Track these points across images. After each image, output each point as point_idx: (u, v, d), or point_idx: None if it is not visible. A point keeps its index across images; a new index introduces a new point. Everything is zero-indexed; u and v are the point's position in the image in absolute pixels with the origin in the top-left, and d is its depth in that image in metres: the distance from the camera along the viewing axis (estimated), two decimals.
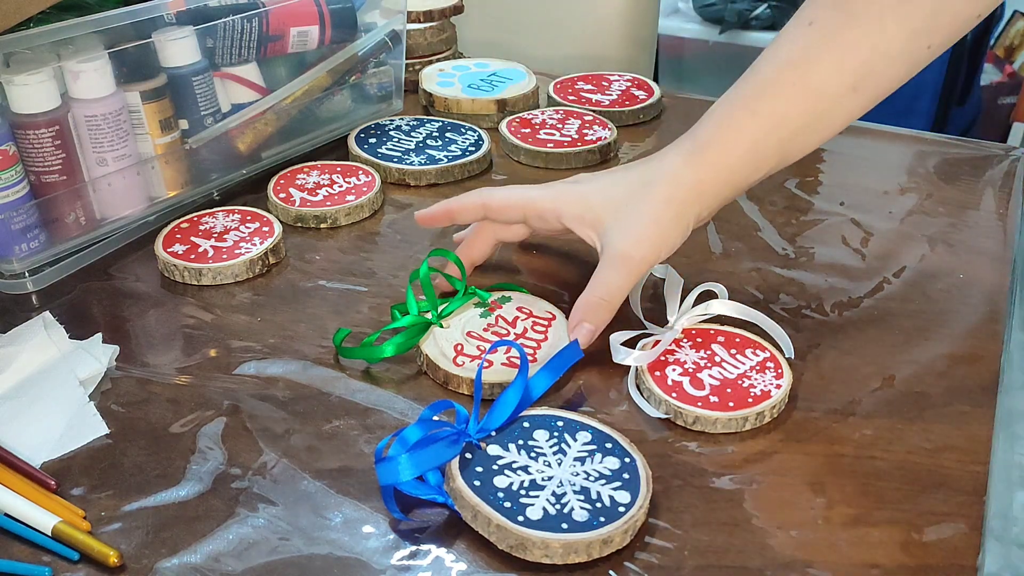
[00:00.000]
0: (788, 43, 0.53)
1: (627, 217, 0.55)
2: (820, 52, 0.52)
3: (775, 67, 0.54)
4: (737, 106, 0.55)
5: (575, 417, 0.50)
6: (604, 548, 0.43)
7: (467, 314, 0.59)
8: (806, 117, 0.53)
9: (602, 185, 0.58)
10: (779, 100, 0.53)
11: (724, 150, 0.55)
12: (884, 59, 0.51)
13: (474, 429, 0.48)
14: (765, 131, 0.54)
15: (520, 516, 0.44)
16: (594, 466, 0.47)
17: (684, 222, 0.55)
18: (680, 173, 0.55)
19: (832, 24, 0.52)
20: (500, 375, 0.54)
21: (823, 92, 0.52)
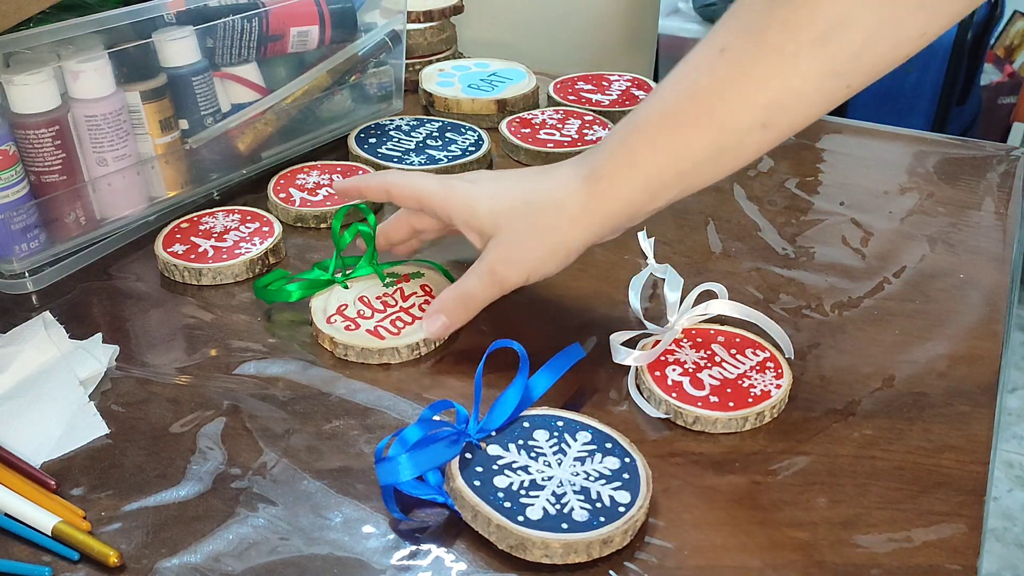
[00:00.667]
0: (695, 70, 0.49)
1: (506, 235, 0.54)
2: (729, 85, 0.48)
3: (679, 96, 0.50)
4: (636, 135, 0.51)
5: (575, 417, 0.50)
6: (604, 548, 0.43)
7: (373, 280, 0.63)
8: (710, 151, 0.50)
9: (492, 192, 0.56)
10: (681, 133, 0.49)
11: (618, 182, 0.52)
12: (797, 97, 0.47)
13: (474, 429, 0.48)
14: (664, 164, 0.50)
15: (520, 516, 0.44)
16: (594, 466, 0.47)
17: (564, 251, 0.54)
18: (568, 201, 0.53)
19: (744, 55, 0.47)
20: (360, 339, 0.57)
21: (730, 127, 0.49)
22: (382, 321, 0.58)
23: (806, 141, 0.85)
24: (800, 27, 0.45)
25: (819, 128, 0.88)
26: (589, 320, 0.61)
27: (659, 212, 0.73)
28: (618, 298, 0.62)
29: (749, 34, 0.47)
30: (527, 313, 0.61)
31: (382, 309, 0.60)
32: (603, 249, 0.68)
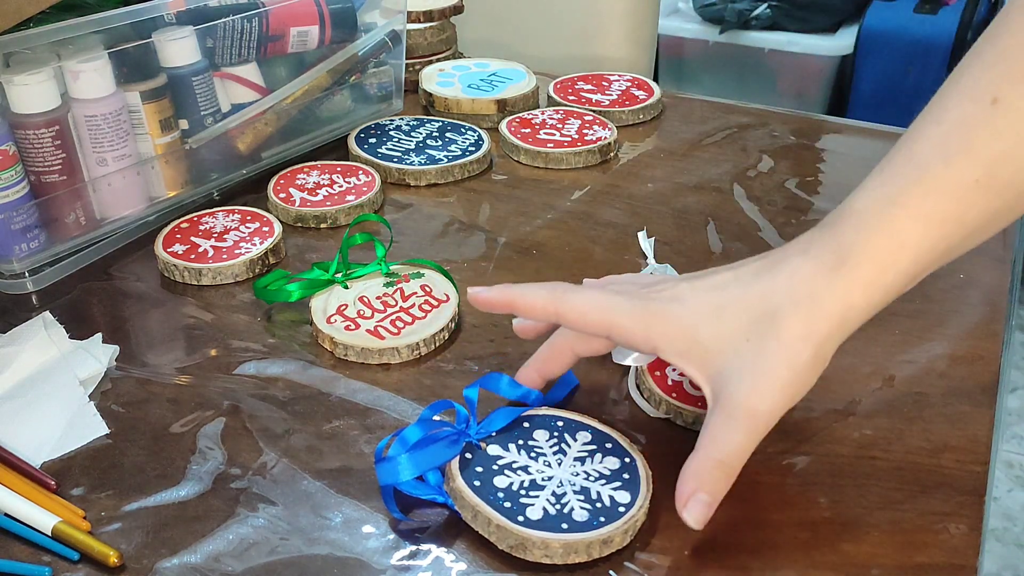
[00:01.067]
0: (964, 127, 0.41)
1: (750, 361, 0.43)
2: (1012, 141, 0.40)
3: (946, 158, 0.41)
4: (897, 209, 0.42)
5: (575, 417, 0.50)
6: (604, 548, 0.43)
7: (373, 280, 0.62)
8: (986, 217, 0.42)
9: (709, 309, 0.45)
10: (957, 202, 0.41)
11: (883, 268, 0.42)
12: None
13: (474, 429, 0.48)
14: (936, 240, 0.42)
15: (520, 516, 0.44)
16: (594, 466, 0.47)
17: (823, 359, 0.44)
18: (820, 299, 0.43)
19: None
20: (359, 339, 0.57)
21: (1012, 189, 0.41)
22: (382, 321, 0.58)
23: (806, 141, 0.85)
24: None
25: (819, 128, 0.88)
26: None
27: (658, 212, 0.74)
28: None
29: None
30: None
31: (382, 309, 0.60)
32: (603, 249, 0.68)
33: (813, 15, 2.09)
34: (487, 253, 0.68)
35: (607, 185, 0.77)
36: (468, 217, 0.73)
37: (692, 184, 0.77)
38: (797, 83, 2.14)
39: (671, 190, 0.77)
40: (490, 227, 0.72)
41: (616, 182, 0.78)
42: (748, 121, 0.88)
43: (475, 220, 0.73)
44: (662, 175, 0.79)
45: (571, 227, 0.71)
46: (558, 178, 0.78)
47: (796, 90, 2.15)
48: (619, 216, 0.73)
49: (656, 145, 0.84)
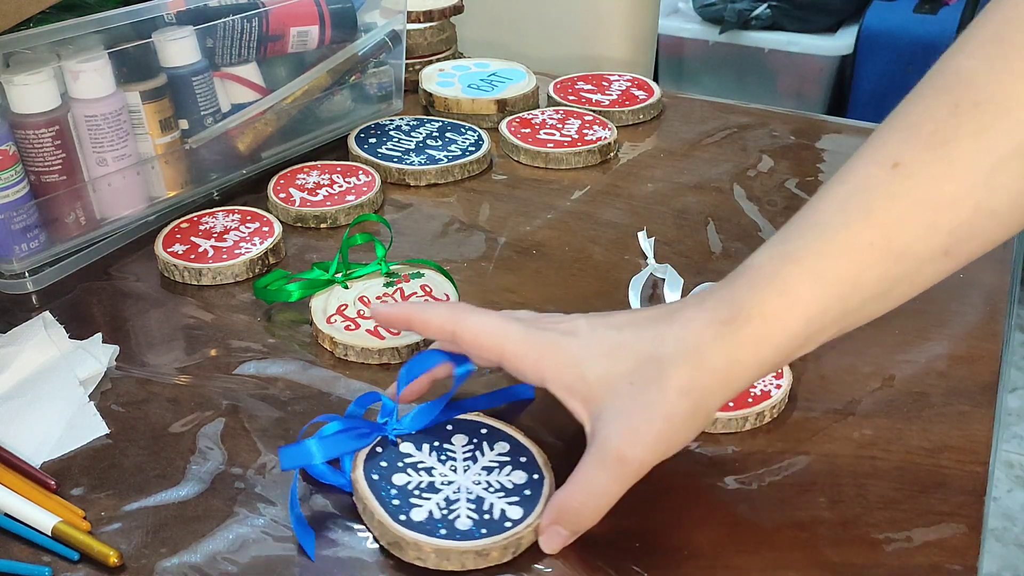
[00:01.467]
0: (863, 190, 0.41)
1: (629, 404, 0.42)
2: (910, 207, 0.40)
3: (847, 219, 0.41)
4: (793, 267, 0.42)
5: (502, 427, 0.49)
6: (479, 560, 0.43)
7: (373, 280, 0.62)
8: (884, 284, 0.42)
9: (603, 350, 0.44)
10: (853, 264, 0.41)
11: (772, 326, 0.42)
12: (991, 218, 0.40)
13: (392, 425, 0.48)
14: (829, 302, 0.41)
15: (402, 515, 0.43)
16: (499, 477, 0.46)
17: (704, 414, 0.43)
18: (707, 352, 0.42)
19: (926, 172, 0.40)
20: (359, 339, 0.57)
21: (910, 255, 0.41)
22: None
23: (806, 141, 0.85)
24: (999, 138, 0.38)
25: (819, 128, 0.88)
26: None
27: (658, 212, 0.74)
28: (618, 298, 0.62)
29: (932, 147, 0.40)
30: None
31: None
32: (603, 249, 0.68)
33: (813, 15, 2.09)
34: (487, 253, 0.68)
35: (607, 185, 0.77)
36: (468, 217, 0.73)
37: (692, 184, 0.77)
38: (797, 83, 2.14)
39: (671, 190, 0.77)
40: (490, 227, 0.72)
41: (616, 182, 0.78)
42: (748, 121, 0.88)
43: (475, 220, 0.73)
44: (662, 175, 0.79)
45: (571, 227, 0.71)
46: (558, 178, 0.78)
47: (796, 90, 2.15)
48: (619, 216, 0.73)
49: (656, 145, 0.84)
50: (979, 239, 0.41)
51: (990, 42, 0.40)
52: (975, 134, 0.39)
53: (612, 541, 0.45)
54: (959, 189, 0.40)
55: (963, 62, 0.40)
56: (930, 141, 0.40)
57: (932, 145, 0.40)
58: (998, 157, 0.39)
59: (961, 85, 0.40)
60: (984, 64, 0.39)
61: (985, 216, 0.40)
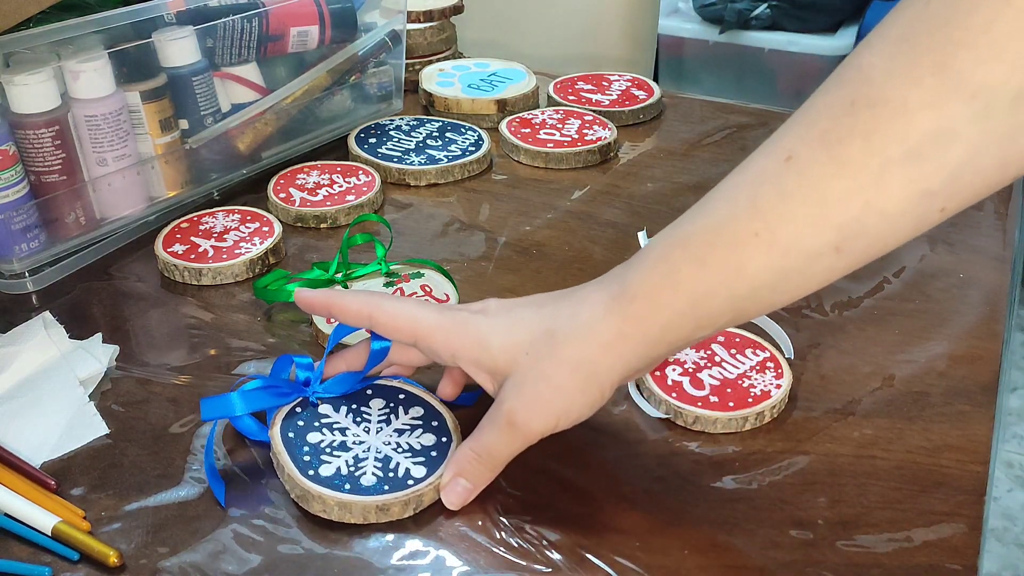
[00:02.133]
0: (755, 181, 0.42)
1: (524, 375, 0.45)
2: (798, 201, 0.40)
3: (735, 209, 0.42)
4: (679, 251, 0.43)
5: (419, 393, 0.52)
6: (380, 514, 0.45)
7: (373, 280, 0.63)
8: (770, 275, 0.42)
9: (506, 324, 0.47)
10: (737, 252, 0.42)
11: (656, 305, 0.43)
12: (881, 219, 0.40)
13: (313, 388, 0.51)
14: (713, 286, 0.42)
15: (311, 471, 0.46)
16: (408, 439, 0.49)
17: (596, 388, 0.45)
18: (597, 327, 0.44)
19: (817, 168, 0.40)
20: (356, 338, 0.56)
21: (796, 249, 0.41)
22: None
23: None
24: (889, 140, 0.38)
25: None
26: None
27: (658, 212, 0.74)
28: None
29: (825, 145, 0.40)
30: None
31: None
32: (603, 249, 0.68)
33: (813, 15, 2.09)
34: (487, 253, 0.68)
35: (607, 185, 0.77)
36: (468, 217, 0.73)
37: (692, 184, 0.77)
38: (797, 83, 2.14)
39: (671, 190, 0.77)
40: (490, 227, 0.72)
41: (616, 182, 0.78)
42: (748, 121, 0.88)
43: (475, 220, 0.73)
44: (662, 175, 0.79)
45: (571, 227, 0.71)
46: (558, 178, 0.78)
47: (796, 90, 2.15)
48: (619, 216, 0.73)
49: (656, 145, 0.84)
50: (870, 238, 0.41)
51: (895, 41, 0.39)
52: (866, 135, 0.39)
53: (612, 541, 0.45)
54: (848, 187, 0.39)
55: (867, 58, 0.40)
56: (824, 139, 0.40)
57: (826, 143, 0.40)
58: (887, 159, 0.39)
59: (861, 82, 0.40)
60: (885, 63, 0.39)
61: (875, 215, 0.40)
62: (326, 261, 0.64)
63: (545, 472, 0.49)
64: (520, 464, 0.49)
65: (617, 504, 0.47)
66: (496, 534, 0.45)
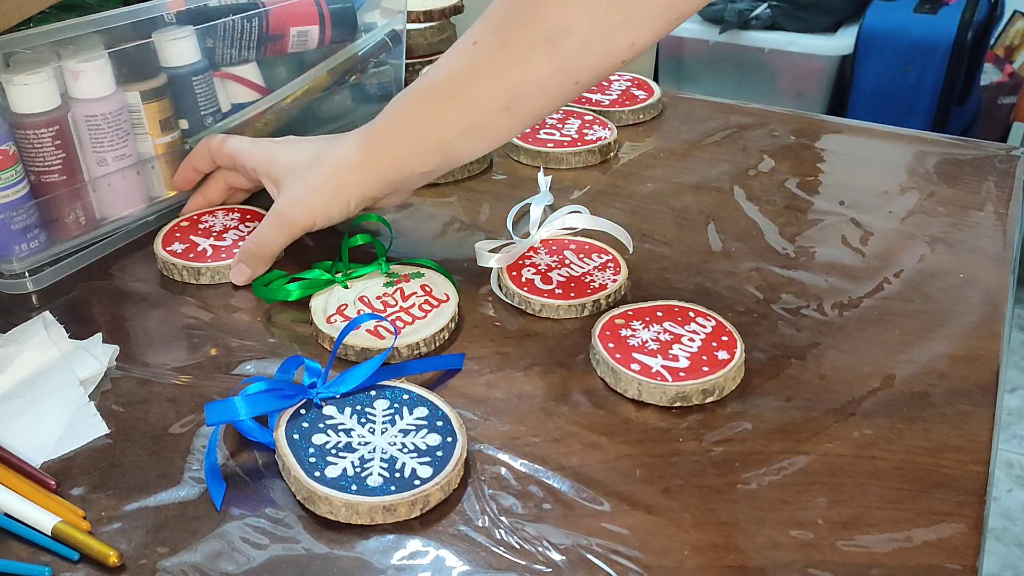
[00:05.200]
0: (454, 58, 0.57)
1: (296, 180, 0.62)
2: (478, 71, 0.56)
3: (439, 76, 0.58)
4: (405, 105, 0.60)
5: (424, 393, 0.52)
6: (387, 515, 0.45)
7: (373, 280, 0.63)
8: (464, 125, 0.57)
9: (293, 150, 0.64)
10: (439, 106, 0.57)
11: (389, 139, 0.60)
12: (534, 87, 0.55)
13: (318, 390, 0.51)
14: (426, 131, 0.58)
15: (317, 472, 0.46)
16: (414, 440, 0.49)
17: (344, 196, 0.61)
18: (347, 153, 0.61)
19: (491, 48, 0.55)
20: (360, 339, 0.57)
21: (477, 105, 0.56)
22: (382, 321, 0.58)
23: (806, 141, 0.85)
24: (533, 28, 0.53)
25: (819, 128, 0.88)
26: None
27: (658, 212, 0.74)
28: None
29: (496, 31, 0.55)
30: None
31: (382, 309, 0.60)
32: None
33: (813, 15, 2.09)
34: None
35: (607, 185, 0.77)
36: (468, 217, 0.73)
37: (692, 184, 0.77)
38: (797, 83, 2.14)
39: (671, 190, 0.77)
40: (490, 227, 0.72)
41: (616, 182, 0.78)
42: (748, 121, 0.88)
43: (475, 220, 0.73)
44: (662, 175, 0.79)
45: None
46: (558, 178, 0.78)
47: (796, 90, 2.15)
48: (619, 216, 0.73)
49: (656, 145, 0.84)
50: (530, 102, 0.56)
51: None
52: (519, 26, 0.54)
53: (612, 541, 0.45)
54: (509, 62, 0.55)
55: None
56: (496, 27, 0.55)
57: (497, 29, 0.55)
58: (533, 43, 0.54)
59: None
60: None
61: (530, 85, 0.55)
62: (326, 261, 0.64)
63: (545, 472, 0.49)
64: (520, 464, 0.49)
65: (617, 504, 0.47)
66: (496, 534, 0.45)
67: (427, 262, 0.64)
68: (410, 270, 0.64)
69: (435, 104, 0.58)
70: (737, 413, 0.53)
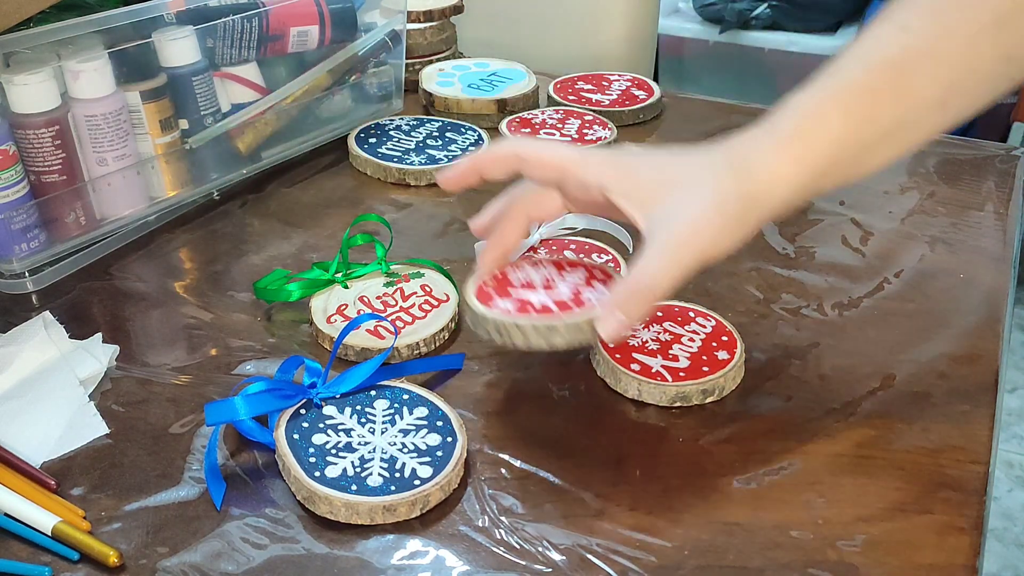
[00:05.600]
0: (881, 46, 0.49)
1: (686, 200, 0.47)
2: (918, 58, 0.47)
3: (868, 66, 0.48)
4: (830, 101, 0.48)
5: (423, 393, 0.52)
6: (387, 515, 0.45)
7: (373, 280, 0.63)
8: (893, 123, 0.48)
9: (657, 161, 0.50)
10: (872, 101, 0.48)
11: (810, 145, 0.48)
12: (973, 78, 0.48)
13: (318, 390, 0.51)
14: (851, 132, 0.48)
15: (317, 472, 0.46)
16: (414, 440, 0.49)
17: (749, 222, 0.48)
18: (754, 165, 0.48)
19: (929, 33, 0.48)
20: (360, 339, 0.57)
21: (915, 100, 0.48)
22: (382, 321, 0.58)
23: None
24: (980, 8, 0.47)
25: None
26: None
27: None
28: None
29: (932, 14, 0.48)
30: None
31: (382, 309, 0.60)
32: None
33: (813, 15, 2.09)
34: None
35: None
36: (468, 217, 0.73)
37: None
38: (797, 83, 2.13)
39: None
40: None
41: None
42: (748, 121, 0.88)
43: None
44: None
45: None
46: None
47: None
48: None
49: (656, 145, 0.84)
50: (966, 96, 0.48)
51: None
52: (963, 6, 0.47)
53: (612, 541, 0.45)
54: (953, 48, 0.47)
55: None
56: (929, 11, 0.48)
57: (932, 13, 0.48)
58: (981, 25, 0.47)
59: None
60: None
61: (970, 75, 0.48)
62: (326, 261, 0.64)
63: (545, 472, 0.49)
64: (520, 464, 0.49)
65: (617, 504, 0.47)
66: (496, 534, 0.45)
67: (427, 262, 0.64)
68: (410, 270, 0.64)
69: (868, 98, 0.48)
70: (737, 413, 0.53)
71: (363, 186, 0.78)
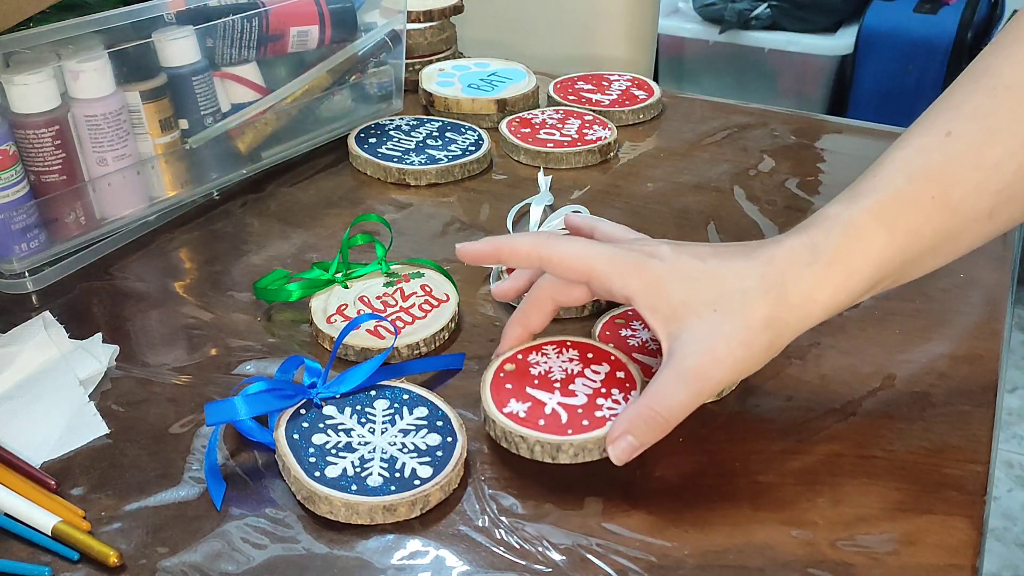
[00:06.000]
0: (923, 152, 0.47)
1: (712, 329, 0.46)
2: (963, 169, 0.46)
3: (909, 177, 0.46)
4: (868, 216, 0.46)
5: (423, 393, 0.52)
6: (387, 515, 0.45)
7: (373, 280, 0.63)
8: (938, 238, 0.47)
9: (688, 275, 0.48)
10: (916, 215, 0.46)
11: (852, 271, 0.46)
12: (1021, 186, 0.46)
13: (318, 390, 0.51)
14: (895, 250, 0.46)
15: (317, 472, 0.46)
16: (414, 440, 0.49)
17: (778, 347, 0.47)
18: (788, 290, 0.46)
19: (974, 139, 0.46)
20: (360, 339, 0.57)
21: (961, 212, 0.46)
22: (382, 321, 0.58)
23: (806, 141, 0.85)
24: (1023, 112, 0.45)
25: (819, 128, 0.88)
26: None
27: (658, 212, 0.74)
28: None
29: (976, 119, 0.46)
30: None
31: (382, 309, 0.60)
32: None
33: (813, 15, 2.09)
34: None
35: (607, 185, 0.77)
36: (468, 217, 0.73)
37: (692, 184, 0.77)
38: (797, 83, 2.14)
39: (671, 190, 0.77)
40: (490, 227, 0.72)
41: (616, 182, 0.78)
42: (748, 121, 0.88)
43: (475, 220, 0.73)
44: (662, 175, 0.79)
45: None
46: (558, 178, 0.78)
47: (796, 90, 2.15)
48: (619, 216, 0.73)
49: (656, 145, 0.84)
50: (1018, 202, 0.47)
51: (1013, 43, 0.47)
52: (1011, 109, 0.45)
53: (612, 541, 0.45)
54: (1003, 154, 0.45)
55: (991, 61, 0.47)
56: (974, 115, 0.46)
57: (976, 117, 0.46)
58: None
59: (991, 76, 0.47)
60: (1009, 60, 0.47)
61: (1021, 180, 0.46)
62: (326, 261, 0.64)
63: (545, 472, 0.49)
64: (520, 464, 0.49)
65: (617, 504, 0.47)
66: (496, 534, 0.45)
67: (427, 262, 0.64)
68: (410, 270, 0.64)
69: (907, 214, 0.46)
70: (737, 413, 0.53)
71: (363, 186, 0.78)
